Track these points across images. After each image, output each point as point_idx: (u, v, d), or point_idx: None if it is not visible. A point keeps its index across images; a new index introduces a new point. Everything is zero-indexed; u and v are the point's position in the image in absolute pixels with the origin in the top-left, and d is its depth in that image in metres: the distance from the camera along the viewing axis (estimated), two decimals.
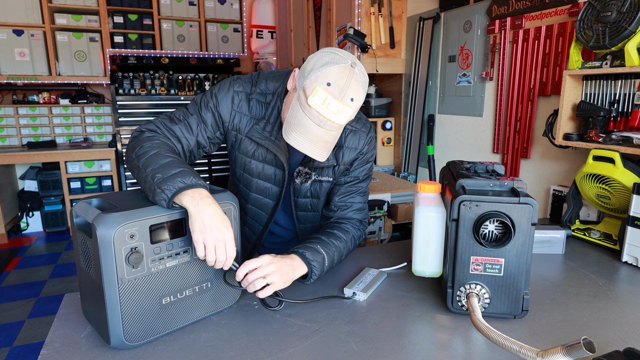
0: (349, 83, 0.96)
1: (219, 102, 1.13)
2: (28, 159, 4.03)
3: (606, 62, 1.58)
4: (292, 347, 0.87)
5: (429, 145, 2.95)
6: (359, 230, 1.25)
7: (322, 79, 0.95)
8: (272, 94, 1.14)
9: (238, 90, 1.13)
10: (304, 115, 0.97)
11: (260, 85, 1.15)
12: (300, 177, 1.19)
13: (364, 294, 1.06)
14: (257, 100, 1.14)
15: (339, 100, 0.95)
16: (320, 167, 1.19)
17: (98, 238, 0.78)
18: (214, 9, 4.69)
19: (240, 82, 1.15)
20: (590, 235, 1.49)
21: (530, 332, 0.92)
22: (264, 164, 1.18)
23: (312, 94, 0.94)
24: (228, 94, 1.13)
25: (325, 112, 0.94)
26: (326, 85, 0.94)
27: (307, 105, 0.95)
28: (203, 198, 0.87)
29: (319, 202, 1.27)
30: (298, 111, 0.98)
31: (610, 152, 1.39)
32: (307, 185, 1.21)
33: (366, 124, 1.24)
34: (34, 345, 2.44)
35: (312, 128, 0.96)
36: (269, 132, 1.12)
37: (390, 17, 3.11)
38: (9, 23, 4.01)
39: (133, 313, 0.84)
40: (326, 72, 0.95)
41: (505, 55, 2.32)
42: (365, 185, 1.28)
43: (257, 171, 1.19)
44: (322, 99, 0.94)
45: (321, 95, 0.94)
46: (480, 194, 0.92)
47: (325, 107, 0.94)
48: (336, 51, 1.00)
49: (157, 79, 4.40)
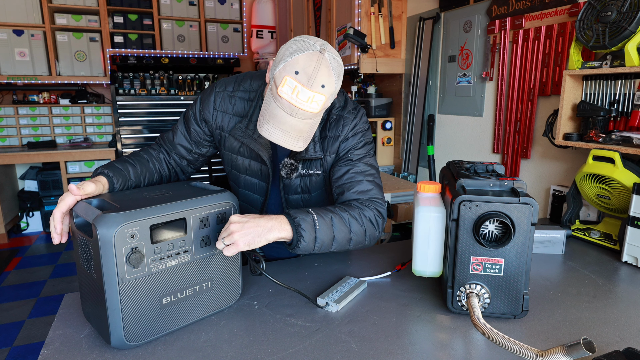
0: (317, 69, 0.93)
1: (202, 104, 1.18)
2: (28, 159, 4.03)
3: (606, 62, 1.58)
4: (292, 347, 0.87)
5: (429, 145, 2.96)
6: (371, 210, 1.09)
7: (290, 67, 0.93)
8: (255, 91, 1.15)
9: (219, 90, 1.17)
10: (276, 106, 0.95)
11: (244, 83, 1.16)
12: (285, 169, 1.15)
13: (337, 305, 1.00)
14: (241, 98, 1.15)
15: (308, 88, 0.93)
16: (308, 159, 1.14)
17: (98, 238, 0.78)
18: (214, 9, 4.69)
19: (222, 82, 1.19)
20: (590, 235, 1.49)
21: (530, 332, 0.92)
22: (250, 160, 1.19)
23: (282, 84, 0.92)
24: (210, 96, 1.17)
25: (295, 101, 0.93)
26: (294, 74, 0.92)
27: (278, 96, 0.94)
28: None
29: (310, 197, 1.23)
30: (270, 102, 0.97)
31: (610, 152, 1.39)
32: (297, 181, 1.18)
33: (353, 110, 1.18)
34: (34, 345, 2.44)
35: (285, 118, 0.95)
36: (252, 130, 1.12)
37: (390, 17, 3.11)
38: (9, 23, 4.01)
39: (133, 313, 0.84)
40: (294, 60, 0.93)
41: (505, 55, 2.32)
42: (363, 166, 1.15)
43: (244, 167, 1.20)
44: (291, 88, 0.92)
45: (290, 84, 0.92)
46: (480, 194, 0.92)
47: (295, 96, 0.92)
48: (305, 38, 0.98)
49: (157, 79, 4.40)
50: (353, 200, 1.11)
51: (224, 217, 0.96)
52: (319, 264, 1.29)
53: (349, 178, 1.13)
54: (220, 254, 0.97)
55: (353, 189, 1.12)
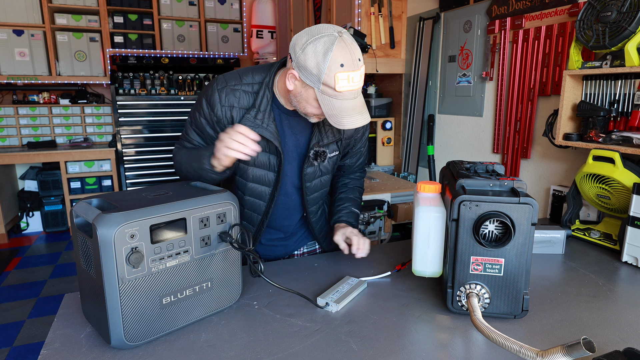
0: (351, 51, 1.01)
1: (210, 106, 1.18)
2: (28, 159, 4.03)
3: (606, 62, 1.58)
4: (292, 347, 0.87)
5: (429, 145, 2.96)
6: (362, 170, 1.49)
7: (334, 66, 0.99)
8: (259, 83, 1.18)
9: (220, 87, 1.18)
10: (341, 101, 1.03)
11: (246, 77, 1.19)
12: (319, 158, 1.25)
13: (337, 305, 1.01)
14: (244, 91, 1.18)
15: (356, 70, 1.02)
16: (329, 144, 1.26)
17: (98, 238, 0.78)
18: (214, 9, 4.69)
19: (222, 79, 1.20)
20: (590, 235, 1.49)
21: (530, 332, 0.92)
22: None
23: (337, 82, 1.00)
24: (214, 95, 1.17)
25: (353, 86, 1.03)
26: (341, 67, 1.00)
27: (339, 92, 1.02)
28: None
29: (328, 177, 1.34)
30: (333, 101, 1.03)
31: (610, 152, 1.39)
32: (317, 167, 1.28)
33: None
34: (34, 345, 2.44)
35: (354, 103, 1.05)
36: (260, 119, 1.16)
37: (390, 17, 3.11)
38: (9, 23, 4.01)
39: (133, 313, 0.84)
40: (332, 58, 0.99)
41: (505, 55, 2.32)
42: (366, 149, 1.45)
43: (252, 159, 1.21)
44: (346, 80, 1.01)
45: (343, 77, 1.00)
46: (480, 194, 0.92)
47: (351, 83, 1.02)
48: (319, 33, 1.02)
49: (157, 79, 4.40)
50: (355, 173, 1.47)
51: (224, 217, 0.96)
52: (318, 264, 1.29)
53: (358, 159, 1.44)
54: (220, 254, 0.97)
55: (360, 165, 1.47)
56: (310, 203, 1.34)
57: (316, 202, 1.36)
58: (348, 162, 1.42)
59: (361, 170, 1.50)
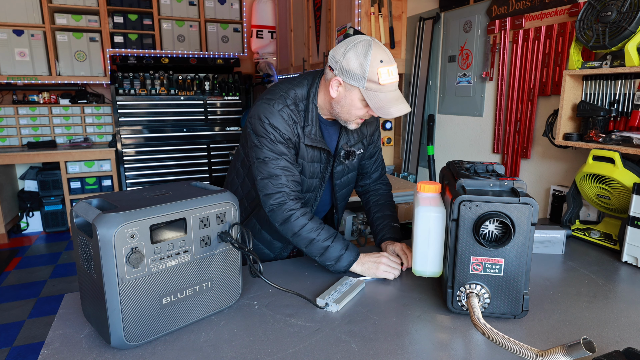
0: (385, 50, 1.16)
1: (278, 128, 1.21)
2: (28, 159, 4.03)
3: (606, 62, 1.58)
4: (292, 347, 0.87)
5: (429, 145, 2.95)
6: (386, 178, 1.58)
7: (375, 63, 1.12)
8: (303, 100, 1.26)
9: (279, 108, 1.22)
10: (386, 93, 1.15)
11: (289, 96, 1.25)
12: (350, 157, 1.36)
13: (337, 305, 1.01)
14: (297, 110, 1.25)
15: (393, 64, 1.16)
16: (355, 143, 1.38)
17: (98, 238, 0.78)
18: (214, 9, 4.69)
19: (274, 101, 1.23)
20: (590, 235, 1.49)
21: (530, 332, 0.92)
22: (311, 162, 1.31)
23: (380, 76, 1.12)
24: (277, 117, 1.21)
25: (394, 78, 1.16)
26: (381, 63, 1.13)
27: (383, 85, 1.14)
28: (361, 260, 1.21)
29: (354, 173, 1.46)
30: (378, 95, 1.14)
31: (610, 152, 1.39)
32: (344, 165, 1.38)
33: None
34: (34, 345, 2.44)
35: (396, 94, 1.17)
36: (315, 134, 1.26)
37: (390, 17, 3.11)
38: (9, 23, 4.01)
39: (133, 313, 0.84)
40: (372, 57, 1.12)
41: (505, 55, 2.32)
42: (381, 148, 1.56)
43: (309, 171, 1.31)
44: (387, 74, 1.13)
45: (384, 71, 1.13)
46: (480, 194, 0.92)
47: (391, 76, 1.15)
48: (355, 40, 1.16)
49: (157, 79, 4.40)
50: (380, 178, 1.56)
51: (224, 217, 0.96)
52: (318, 264, 1.29)
53: (377, 159, 1.54)
54: (220, 254, 0.97)
55: (380, 165, 1.55)
56: (339, 199, 1.47)
57: (344, 198, 1.49)
58: (369, 161, 1.51)
59: (385, 181, 1.57)
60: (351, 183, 1.47)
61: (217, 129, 4.57)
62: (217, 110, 4.54)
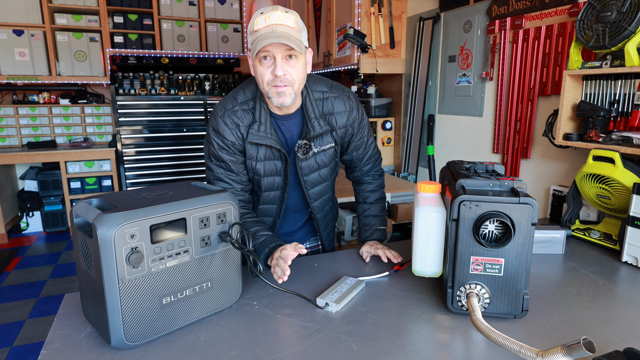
0: (275, 6, 1.12)
1: (220, 135, 1.22)
2: (28, 159, 4.03)
3: (606, 62, 1.58)
4: (292, 347, 0.87)
5: (429, 145, 2.95)
6: (379, 170, 1.50)
7: (255, 16, 1.11)
8: (252, 99, 1.24)
9: (221, 114, 1.23)
10: (260, 35, 1.09)
11: (238, 97, 1.25)
12: (300, 150, 1.26)
13: (337, 305, 1.01)
14: (243, 110, 1.23)
15: (275, 11, 1.10)
16: (318, 135, 1.27)
17: (98, 238, 0.78)
18: (214, 9, 4.69)
19: (219, 107, 1.25)
20: (590, 235, 1.49)
21: (530, 332, 0.92)
22: (266, 161, 1.27)
23: (256, 24, 1.10)
24: (219, 125, 1.22)
25: (271, 22, 1.09)
26: (261, 14, 1.11)
27: (257, 30, 1.10)
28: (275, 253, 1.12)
29: (327, 170, 1.36)
30: (255, 41, 1.10)
31: (610, 152, 1.39)
32: (312, 160, 1.30)
33: (345, 91, 1.33)
34: (34, 345, 2.44)
35: (267, 31, 1.09)
36: (264, 130, 1.22)
37: (390, 17, 3.11)
38: (9, 23, 4.01)
39: (133, 313, 0.84)
40: (255, 13, 1.13)
41: (505, 55, 2.32)
42: (372, 141, 1.44)
43: (264, 170, 1.28)
44: (263, 20, 1.09)
45: (260, 19, 1.10)
46: (480, 194, 0.92)
47: (269, 20, 1.09)
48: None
49: (157, 79, 4.40)
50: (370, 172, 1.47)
51: (224, 217, 0.96)
52: (318, 264, 1.29)
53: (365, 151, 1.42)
54: (220, 254, 0.97)
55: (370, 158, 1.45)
56: (313, 197, 1.38)
57: (319, 196, 1.39)
58: (356, 154, 1.40)
59: (377, 173, 1.49)
60: (325, 179, 1.37)
61: None
62: None
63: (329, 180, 1.40)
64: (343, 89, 1.33)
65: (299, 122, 1.27)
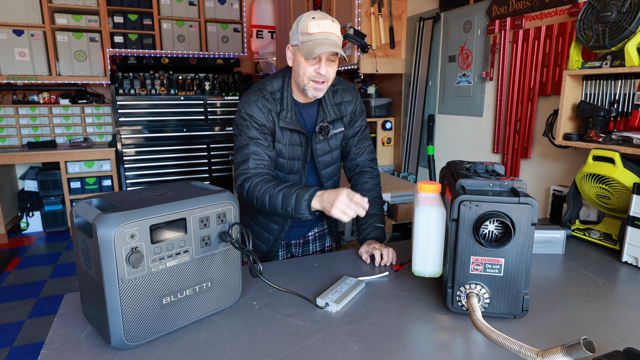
0: (322, 13, 1.28)
1: (253, 115, 1.34)
2: (28, 159, 4.03)
3: (606, 62, 1.58)
4: (292, 347, 0.87)
5: (429, 145, 2.95)
6: (375, 170, 1.59)
7: (307, 19, 1.27)
8: (279, 90, 1.40)
9: (255, 99, 1.36)
10: (315, 40, 1.25)
11: (266, 87, 1.39)
12: (323, 132, 1.42)
13: (337, 305, 1.01)
14: (271, 99, 1.38)
15: (326, 19, 1.26)
16: (332, 121, 1.45)
17: (98, 238, 0.78)
18: (214, 9, 4.69)
19: (251, 94, 1.38)
20: (590, 235, 1.49)
21: (530, 332, 0.92)
22: (291, 145, 1.41)
23: (309, 28, 1.25)
24: (252, 107, 1.35)
25: (324, 29, 1.25)
26: (312, 19, 1.26)
27: (312, 34, 1.25)
28: (321, 196, 1.19)
29: (337, 152, 1.53)
30: (309, 43, 1.25)
31: (610, 152, 1.39)
32: (325, 143, 1.46)
33: (349, 84, 1.54)
34: (34, 345, 2.44)
35: (321, 38, 1.26)
36: (290, 117, 1.38)
37: (390, 17, 3.11)
38: (9, 23, 4.01)
39: (133, 313, 0.84)
40: (306, 16, 1.28)
41: (505, 55, 2.32)
42: (367, 131, 1.59)
43: (288, 153, 1.42)
44: (317, 26, 1.25)
45: (313, 24, 1.25)
46: (480, 194, 0.92)
47: (322, 27, 1.25)
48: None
49: (157, 79, 4.40)
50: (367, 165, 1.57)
51: (224, 217, 0.96)
52: (319, 264, 1.29)
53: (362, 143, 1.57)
54: (220, 254, 0.97)
55: (366, 151, 1.58)
56: (325, 177, 1.51)
57: (330, 177, 1.54)
58: (350, 138, 1.54)
59: (371, 167, 1.58)
60: (336, 161, 1.54)
61: (217, 129, 4.57)
62: (217, 110, 4.54)
63: (338, 162, 1.56)
64: (348, 82, 1.55)
65: (316, 110, 1.45)
